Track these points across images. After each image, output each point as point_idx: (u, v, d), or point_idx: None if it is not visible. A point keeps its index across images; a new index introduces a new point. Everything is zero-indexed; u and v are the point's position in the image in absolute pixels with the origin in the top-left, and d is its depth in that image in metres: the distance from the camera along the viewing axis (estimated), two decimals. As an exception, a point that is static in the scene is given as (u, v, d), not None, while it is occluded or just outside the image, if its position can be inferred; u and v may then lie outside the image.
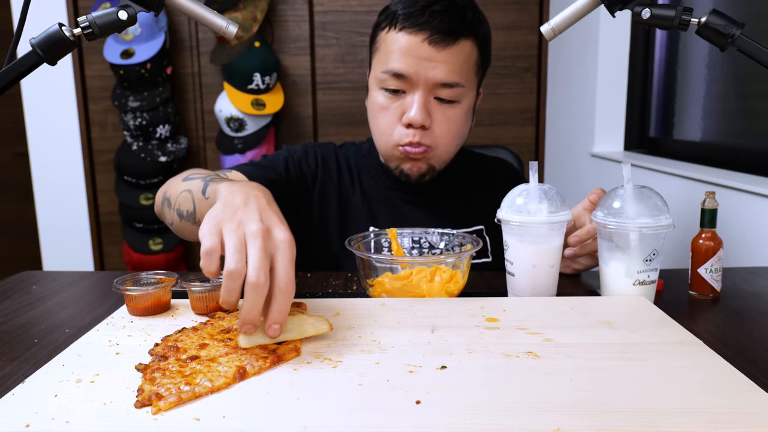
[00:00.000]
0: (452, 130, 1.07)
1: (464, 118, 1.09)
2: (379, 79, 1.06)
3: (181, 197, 0.91)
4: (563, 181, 2.43)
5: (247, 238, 0.61)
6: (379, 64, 1.06)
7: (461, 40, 1.02)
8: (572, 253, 0.96)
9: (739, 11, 1.57)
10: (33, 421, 0.51)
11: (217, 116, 2.48)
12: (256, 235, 0.61)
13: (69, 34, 0.72)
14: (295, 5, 2.61)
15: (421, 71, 1.01)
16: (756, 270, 1.06)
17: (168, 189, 0.96)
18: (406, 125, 1.05)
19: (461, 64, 1.03)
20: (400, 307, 0.78)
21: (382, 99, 1.07)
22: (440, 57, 1.01)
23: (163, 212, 0.98)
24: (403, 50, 1.02)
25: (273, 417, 0.51)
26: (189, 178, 0.92)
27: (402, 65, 1.02)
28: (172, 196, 0.93)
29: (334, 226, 1.15)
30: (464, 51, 1.03)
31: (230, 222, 0.62)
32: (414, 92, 1.03)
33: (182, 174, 0.96)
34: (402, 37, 1.02)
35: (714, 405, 0.53)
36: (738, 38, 0.72)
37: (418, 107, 1.02)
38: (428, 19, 1.00)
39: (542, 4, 2.62)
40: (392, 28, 1.04)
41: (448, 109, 1.05)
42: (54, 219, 2.71)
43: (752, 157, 1.46)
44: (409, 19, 1.01)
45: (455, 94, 1.04)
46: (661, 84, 2.00)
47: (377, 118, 1.08)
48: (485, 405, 0.53)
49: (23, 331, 0.78)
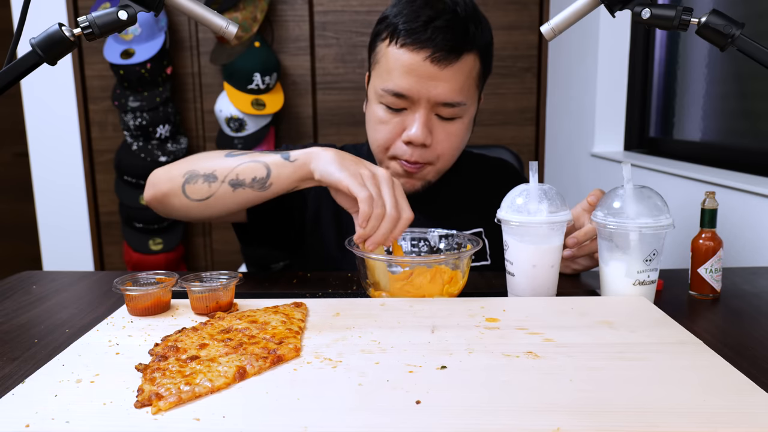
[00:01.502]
0: (453, 145, 1.06)
1: (465, 132, 1.08)
2: (379, 94, 1.04)
3: (245, 168, 0.91)
4: (563, 181, 2.43)
5: (381, 183, 0.84)
6: (379, 79, 1.04)
7: (464, 55, 1.00)
8: (570, 254, 0.95)
9: (739, 11, 1.57)
10: (33, 421, 0.51)
11: (217, 116, 2.48)
12: (387, 179, 0.84)
13: (69, 34, 0.72)
14: (295, 5, 2.61)
15: (423, 90, 0.99)
16: (756, 270, 1.06)
17: (199, 167, 0.94)
18: (405, 142, 1.03)
19: (463, 81, 1.01)
20: (400, 307, 0.78)
21: (382, 113, 1.05)
22: (442, 75, 0.99)
23: (191, 190, 0.94)
24: (404, 69, 0.99)
25: (273, 417, 0.51)
26: (233, 155, 0.94)
27: (404, 84, 1.00)
28: (222, 170, 0.92)
29: (329, 230, 1.13)
30: (467, 66, 1.01)
31: (365, 171, 0.84)
32: (415, 110, 1.02)
33: (208, 155, 0.96)
34: (403, 55, 0.99)
35: (714, 405, 0.53)
36: (738, 38, 0.72)
37: (419, 126, 1.01)
38: (431, 36, 0.97)
39: (542, 4, 2.62)
40: (393, 42, 1.01)
41: (450, 126, 1.04)
42: (54, 219, 2.71)
43: (752, 157, 1.46)
44: (411, 35, 0.98)
45: (457, 112, 1.03)
46: (661, 84, 2.00)
47: (376, 131, 1.06)
48: (485, 405, 0.53)
49: (23, 331, 0.78)
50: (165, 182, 0.96)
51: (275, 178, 0.90)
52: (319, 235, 1.13)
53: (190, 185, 0.94)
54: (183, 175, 0.94)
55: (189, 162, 0.96)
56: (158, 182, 0.97)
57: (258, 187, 0.92)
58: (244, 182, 0.91)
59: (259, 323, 0.71)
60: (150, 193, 0.98)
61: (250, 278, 1.03)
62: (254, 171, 0.91)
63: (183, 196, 0.94)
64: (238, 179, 0.91)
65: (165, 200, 0.97)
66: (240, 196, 0.93)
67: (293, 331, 0.68)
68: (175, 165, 0.97)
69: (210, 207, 0.94)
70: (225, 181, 0.92)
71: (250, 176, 0.91)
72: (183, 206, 0.95)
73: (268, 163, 0.91)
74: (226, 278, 0.79)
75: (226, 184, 0.92)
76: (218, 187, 0.92)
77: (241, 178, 0.91)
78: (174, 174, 0.95)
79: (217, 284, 0.77)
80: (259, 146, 2.48)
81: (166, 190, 0.96)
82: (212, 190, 0.93)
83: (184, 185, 0.94)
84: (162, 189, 0.96)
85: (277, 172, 0.90)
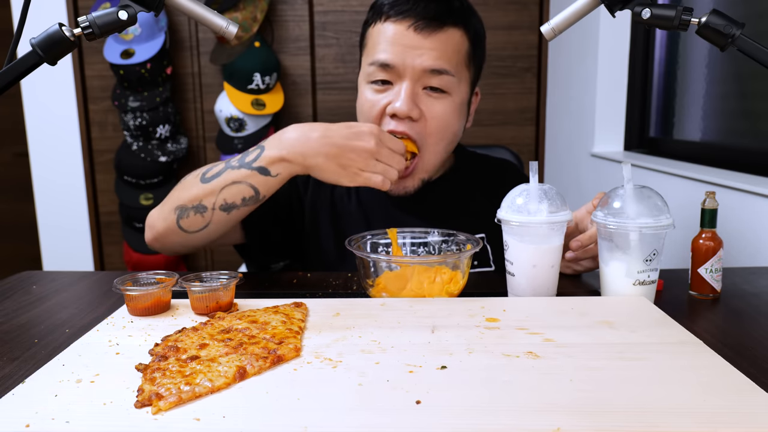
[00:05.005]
0: (441, 124, 1.03)
1: (455, 112, 1.05)
2: (366, 73, 1.05)
3: (231, 191, 0.92)
4: (563, 181, 2.43)
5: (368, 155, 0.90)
6: (367, 58, 1.05)
7: (448, 27, 1.01)
8: (573, 256, 0.95)
9: (739, 11, 1.57)
10: (33, 421, 0.51)
11: (217, 116, 2.48)
12: (372, 142, 0.90)
13: (69, 34, 0.72)
14: (295, 5, 2.61)
15: (408, 59, 1.00)
16: (756, 270, 1.06)
17: (184, 200, 0.94)
18: (391, 115, 1.02)
19: (449, 52, 1.01)
20: (400, 307, 0.78)
21: (369, 94, 1.05)
22: (426, 44, 1.00)
23: (187, 224, 0.95)
24: (389, 40, 1.01)
25: (273, 417, 0.51)
26: (207, 179, 0.93)
27: (388, 54, 1.01)
28: (208, 198, 0.93)
29: (327, 236, 1.12)
30: (452, 39, 1.02)
31: (351, 155, 0.89)
32: (401, 82, 1.01)
33: (185, 185, 0.96)
34: (388, 27, 1.01)
35: (714, 405, 0.53)
36: (738, 38, 0.72)
37: (404, 96, 1.00)
38: (412, 6, 1.00)
39: (542, 4, 2.61)
40: (379, 21, 1.03)
41: (437, 102, 1.02)
42: (54, 219, 2.71)
43: (752, 157, 1.46)
44: (393, 7, 1.01)
45: (444, 82, 1.02)
46: (661, 84, 2.00)
47: (363, 113, 1.06)
48: (485, 405, 0.53)
49: (23, 331, 0.78)
50: (160, 222, 0.98)
51: (266, 191, 0.93)
52: (317, 242, 1.12)
53: (183, 220, 0.95)
54: (174, 211, 0.96)
55: (174, 197, 0.97)
56: (154, 223, 0.99)
57: (252, 203, 0.94)
58: (236, 204, 0.93)
59: (259, 323, 0.71)
60: (150, 235, 1.00)
61: (250, 278, 1.03)
62: (241, 192, 0.92)
63: (181, 231, 0.96)
64: (228, 203, 0.93)
65: (165, 239, 0.98)
66: (236, 215, 0.95)
67: (293, 331, 0.68)
68: (165, 203, 0.98)
69: (211, 233, 0.96)
70: (215, 208, 0.93)
71: (239, 198, 0.93)
72: (184, 240, 0.97)
73: (253, 184, 0.92)
74: (226, 278, 0.80)
75: (218, 210, 0.93)
76: (211, 215, 0.94)
77: (230, 201, 0.93)
78: (166, 212, 0.97)
79: (217, 284, 0.77)
80: (259, 146, 2.47)
81: (163, 230, 0.97)
82: (206, 220, 0.95)
83: (178, 221, 0.95)
84: (159, 229, 0.98)
85: (266, 188, 0.93)
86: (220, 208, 0.93)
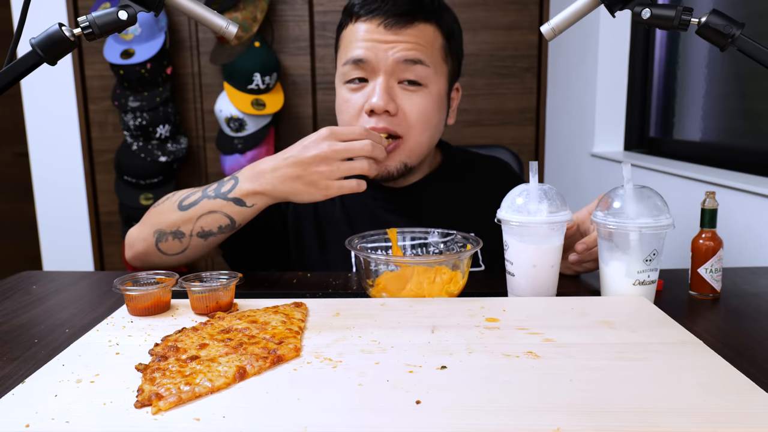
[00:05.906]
0: (421, 117, 1.03)
1: (434, 105, 1.05)
2: (341, 74, 1.05)
3: (207, 220, 0.93)
4: (563, 181, 2.43)
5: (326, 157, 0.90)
6: (341, 59, 1.06)
7: (418, 23, 1.01)
8: (577, 259, 0.95)
9: (739, 11, 1.57)
10: (33, 421, 0.51)
11: (217, 116, 2.48)
12: (324, 146, 0.91)
13: (69, 34, 0.72)
14: (295, 5, 2.61)
15: (380, 53, 1.00)
16: (756, 270, 1.06)
17: (162, 225, 0.96)
18: (368, 112, 1.02)
19: (422, 44, 1.02)
20: (400, 307, 0.78)
21: (346, 94, 1.05)
22: (399, 38, 1.01)
23: (165, 247, 0.97)
24: (361, 38, 1.02)
25: (273, 417, 0.51)
26: (185, 207, 0.95)
27: (360, 51, 1.01)
28: (185, 225, 0.94)
29: (311, 243, 1.11)
30: (424, 34, 1.02)
31: (311, 170, 0.90)
32: (375, 78, 1.02)
33: (163, 210, 0.97)
34: (359, 27, 1.02)
35: (714, 405, 0.53)
36: (738, 38, 0.72)
37: (379, 91, 1.00)
38: (381, 5, 1.00)
39: (542, 4, 2.62)
40: (350, 22, 1.04)
41: (414, 95, 1.02)
42: (54, 219, 2.71)
43: (752, 157, 1.46)
44: (363, 7, 1.02)
45: (419, 74, 1.02)
46: (661, 84, 2.00)
47: (342, 113, 1.06)
48: (485, 405, 0.53)
49: (23, 331, 0.78)
50: (140, 242, 0.99)
51: (241, 220, 0.95)
52: (301, 250, 1.13)
53: (162, 243, 0.97)
54: (153, 234, 0.97)
55: (153, 221, 0.98)
56: (134, 243, 1.00)
57: (228, 231, 0.96)
58: (212, 232, 0.95)
59: (259, 323, 0.71)
60: (130, 254, 1.02)
61: (250, 278, 1.03)
62: (217, 221, 0.94)
63: (160, 254, 0.98)
64: (204, 231, 0.95)
65: (145, 258, 1.00)
66: (213, 241, 0.97)
67: (293, 331, 0.68)
68: (144, 225, 1.00)
69: (189, 255, 0.99)
70: (192, 234, 0.95)
71: (215, 226, 0.95)
72: (163, 261, 0.99)
73: (228, 214, 0.93)
74: (226, 278, 0.80)
75: (195, 237, 0.95)
76: (189, 241, 0.96)
77: (207, 229, 0.95)
78: (145, 234, 0.98)
79: (217, 284, 0.77)
80: (259, 146, 2.48)
81: (142, 250, 0.99)
82: (184, 245, 0.97)
83: (157, 244, 0.97)
84: (139, 249, 0.99)
85: (241, 218, 0.94)
86: (197, 235, 0.95)
